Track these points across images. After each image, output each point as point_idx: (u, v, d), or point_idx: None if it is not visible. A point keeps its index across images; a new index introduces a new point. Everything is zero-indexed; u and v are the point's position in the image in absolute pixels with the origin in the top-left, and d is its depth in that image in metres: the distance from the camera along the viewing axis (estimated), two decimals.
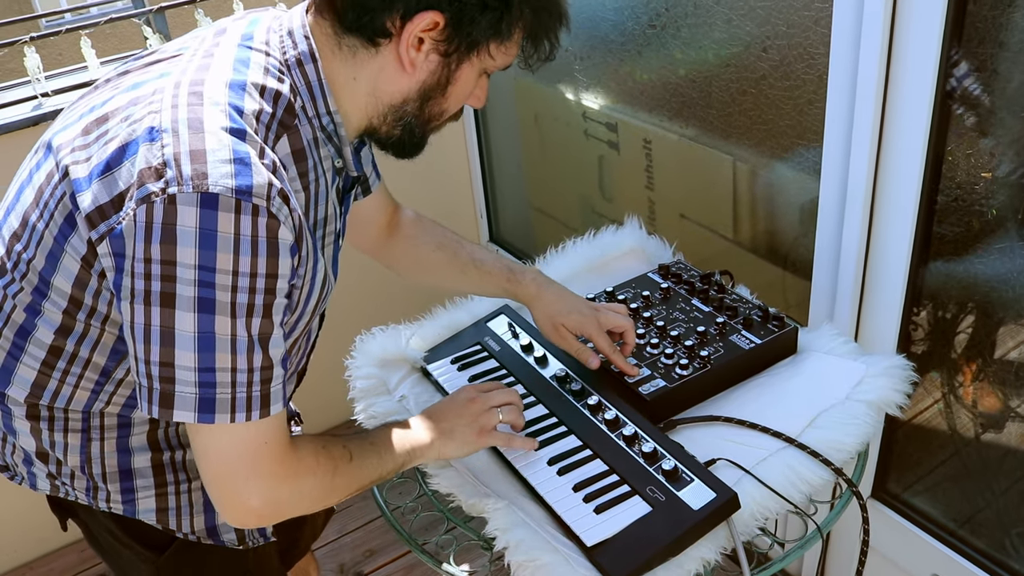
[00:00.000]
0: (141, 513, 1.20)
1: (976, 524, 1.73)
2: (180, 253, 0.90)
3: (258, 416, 0.98)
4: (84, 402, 1.11)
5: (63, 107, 2.23)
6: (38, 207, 1.03)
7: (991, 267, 1.49)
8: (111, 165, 0.95)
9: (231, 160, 0.92)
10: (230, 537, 1.26)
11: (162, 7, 2.43)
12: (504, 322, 1.58)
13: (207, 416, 0.96)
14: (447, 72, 1.08)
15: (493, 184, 2.96)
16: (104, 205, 0.95)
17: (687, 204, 2.16)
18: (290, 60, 1.05)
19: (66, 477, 1.19)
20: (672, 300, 1.57)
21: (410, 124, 1.13)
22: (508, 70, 1.18)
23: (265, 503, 1.02)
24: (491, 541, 1.19)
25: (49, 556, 2.62)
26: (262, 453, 1.00)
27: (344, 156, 1.13)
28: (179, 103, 0.97)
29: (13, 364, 1.09)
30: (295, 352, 1.21)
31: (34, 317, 1.06)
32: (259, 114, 0.99)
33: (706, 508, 1.14)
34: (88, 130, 1.01)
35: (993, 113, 1.40)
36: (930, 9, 1.34)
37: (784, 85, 1.70)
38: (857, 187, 1.54)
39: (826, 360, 1.44)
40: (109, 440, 1.15)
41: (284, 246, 0.95)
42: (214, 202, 0.90)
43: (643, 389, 1.36)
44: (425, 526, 1.37)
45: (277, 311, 0.97)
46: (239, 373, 0.95)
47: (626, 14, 2.04)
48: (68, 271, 1.01)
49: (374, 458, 1.15)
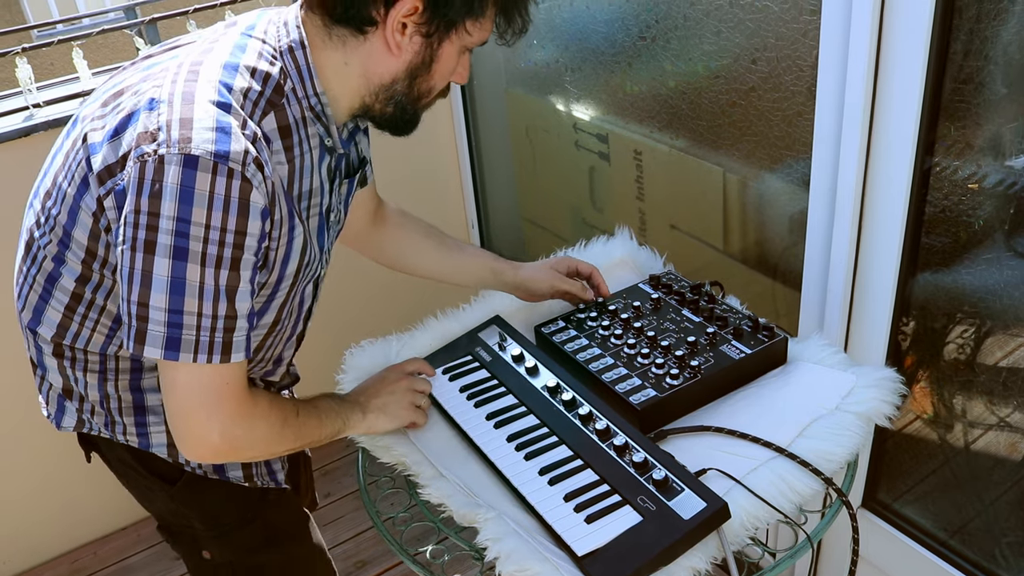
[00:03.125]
0: (154, 447, 1.33)
1: (966, 534, 1.73)
2: (164, 206, 1.03)
3: (218, 360, 1.09)
4: (100, 344, 1.25)
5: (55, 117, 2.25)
6: (64, 168, 1.18)
7: (979, 277, 1.50)
8: (119, 131, 1.10)
9: (214, 128, 1.05)
10: (236, 474, 1.38)
11: (154, 18, 2.44)
12: (495, 332, 1.58)
13: (172, 353, 1.07)
14: (430, 51, 1.19)
15: (484, 194, 2.97)
16: (111, 164, 1.09)
17: (677, 215, 2.17)
18: (283, 47, 1.18)
19: (87, 412, 1.33)
20: (662, 310, 1.58)
21: (401, 102, 1.23)
22: (501, 81, 1.22)
23: (223, 439, 1.13)
24: (482, 551, 1.19)
25: (41, 567, 2.61)
26: (223, 392, 1.12)
27: (332, 134, 1.23)
28: (178, 79, 1.11)
29: (43, 306, 1.24)
30: (286, 316, 1.33)
31: (59, 266, 1.20)
32: (247, 91, 1.12)
33: (696, 518, 1.14)
34: (106, 102, 1.16)
35: (979, 125, 1.41)
36: (917, 21, 1.35)
37: (773, 97, 1.71)
38: (846, 198, 1.55)
39: (816, 370, 1.45)
40: (123, 380, 1.28)
41: (255, 208, 1.07)
42: (195, 163, 1.03)
43: (634, 399, 1.37)
44: (417, 536, 1.37)
45: (245, 267, 1.09)
46: (204, 318, 1.07)
47: (616, 26, 2.05)
48: (84, 225, 1.15)
49: (315, 420, 1.28)
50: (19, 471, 2.46)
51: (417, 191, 2.86)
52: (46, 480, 2.50)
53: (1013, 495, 1.63)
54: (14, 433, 2.33)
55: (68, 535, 2.64)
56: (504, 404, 1.42)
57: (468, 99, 2.80)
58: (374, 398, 1.39)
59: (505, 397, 1.44)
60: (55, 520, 2.59)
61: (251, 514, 1.42)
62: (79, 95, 2.34)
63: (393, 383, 1.42)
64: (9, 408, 2.32)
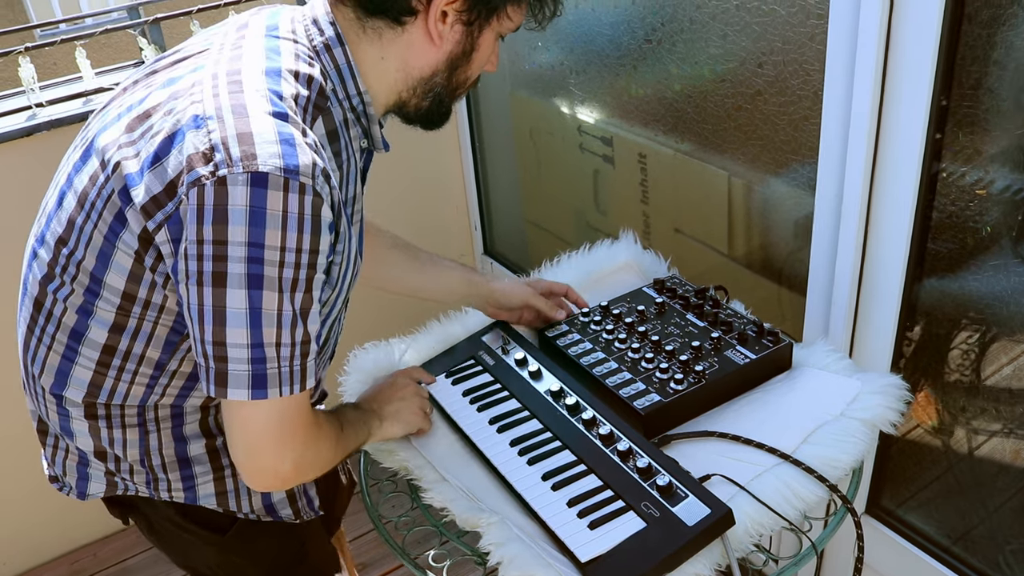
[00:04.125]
0: (202, 498, 1.26)
1: (969, 541, 1.72)
2: (231, 232, 0.94)
3: (299, 389, 1.03)
4: (140, 397, 1.16)
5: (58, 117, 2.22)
6: (84, 209, 1.07)
7: (986, 284, 1.49)
8: (159, 156, 1.00)
9: (278, 141, 0.97)
10: (287, 512, 1.33)
11: (158, 18, 2.43)
12: (498, 336, 1.58)
13: (260, 392, 1.00)
14: (471, 40, 1.14)
15: (488, 197, 2.96)
16: (158, 195, 0.99)
17: (682, 219, 2.16)
18: (318, 46, 1.11)
19: (125, 473, 1.24)
20: (667, 315, 1.57)
21: (439, 94, 1.19)
22: (505, 84, 1.21)
23: (295, 467, 1.07)
24: (485, 556, 1.18)
25: (41, 568, 2.61)
26: (297, 422, 1.06)
27: (372, 134, 1.18)
28: (220, 92, 1.01)
29: (68, 367, 1.14)
30: (332, 334, 1.28)
31: (87, 318, 1.10)
32: (296, 97, 1.04)
33: (701, 524, 1.13)
34: (132, 127, 1.05)
35: (987, 131, 1.40)
36: (925, 26, 1.34)
37: (779, 101, 1.71)
38: (852, 203, 1.54)
39: (821, 376, 1.44)
40: (165, 431, 1.20)
41: (325, 223, 1.00)
42: (264, 181, 0.94)
43: (638, 403, 1.36)
44: (418, 540, 1.36)
45: (317, 286, 1.02)
46: (283, 348, 1.00)
47: (622, 29, 2.05)
48: (121, 267, 1.05)
49: (352, 432, 1.25)
50: (19, 472, 2.45)
51: (420, 194, 2.86)
52: (46, 481, 2.49)
53: (1017, 502, 1.62)
54: (13, 433, 2.32)
55: (68, 536, 2.63)
56: (507, 408, 1.42)
57: (472, 102, 2.80)
58: (387, 404, 1.36)
59: (508, 401, 1.43)
60: (55, 521, 2.58)
61: (303, 551, 1.39)
62: (82, 95, 2.33)
63: (403, 388, 1.40)
64: (7, 408, 2.32)
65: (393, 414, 1.36)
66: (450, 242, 3.01)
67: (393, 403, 1.37)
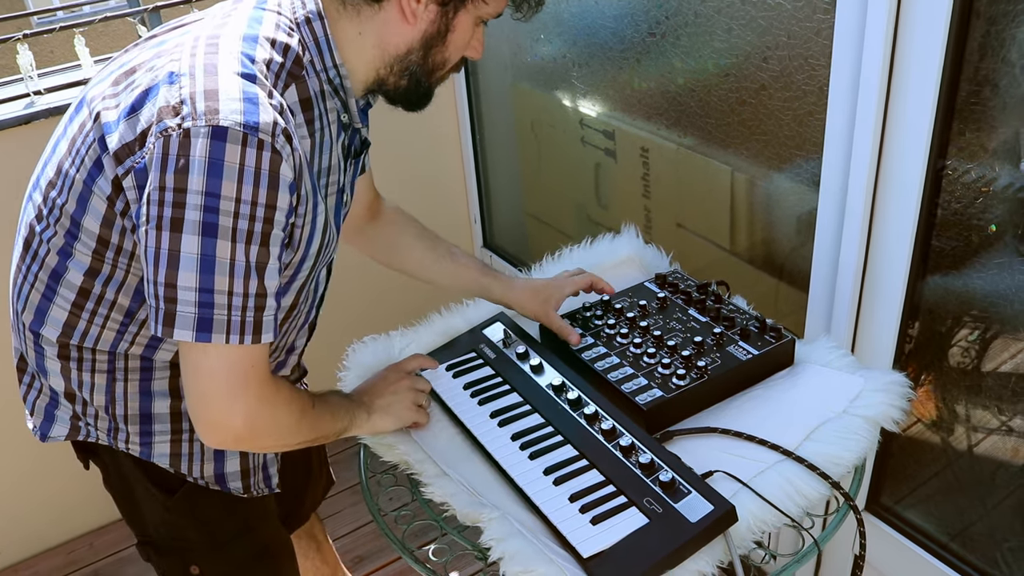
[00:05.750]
0: (156, 456, 1.30)
1: (968, 538, 1.72)
2: (191, 180, 0.99)
3: (250, 340, 1.06)
4: (110, 342, 1.21)
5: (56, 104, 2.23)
6: (71, 155, 1.13)
7: (989, 282, 1.49)
8: (135, 107, 1.06)
9: (241, 99, 1.02)
10: (236, 485, 1.36)
11: (157, 6, 2.42)
12: (500, 329, 1.57)
13: (204, 335, 1.03)
14: (446, 20, 1.17)
15: (488, 189, 2.95)
16: (130, 142, 1.05)
17: (684, 213, 2.16)
18: (299, 18, 1.15)
19: (91, 418, 1.29)
20: (669, 310, 1.57)
21: (415, 73, 1.21)
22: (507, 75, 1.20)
23: (245, 423, 1.09)
24: (486, 551, 1.17)
25: (36, 557, 2.60)
26: (250, 375, 1.08)
27: (349, 109, 1.21)
28: (197, 52, 1.07)
29: (47, 305, 1.20)
30: (303, 300, 1.30)
31: (66, 259, 1.16)
32: (269, 63, 1.09)
33: (703, 521, 1.13)
34: (118, 81, 1.12)
35: (994, 128, 1.40)
36: (933, 21, 1.33)
37: (784, 96, 1.70)
38: (856, 199, 1.53)
39: (824, 373, 1.43)
40: (132, 382, 1.25)
41: (284, 181, 1.04)
42: (223, 134, 0.99)
43: (640, 399, 1.35)
44: (416, 533, 1.35)
45: (274, 243, 1.05)
46: (235, 297, 1.03)
47: (626, 22, 2.03)
48: (96, 211, 1.11)
49: (328, 414, 1.26)
50: (14, 461, 2.44)
51: (420, 185, 2.84)
52: (41, 471, 2.49)
53: (1016, 500, 1.62)
54: (7, 423, 2.31)
55: (64, 526, 2.63)
56: (509, 402, 1.41)
57: (473, 93, 2.79)
58: (378, 398, 1.37)
59: (510, 395, 1.42)
60: (50, 511, 2.57)
61: (246, 525, 1.40)
62: (80, 83, 2.32)
63: (395, 383, 1.40)
64: (4, 407, 2.31)
65: (383, 408, 1.37)
66: (449, 234, 2.98)
67: (384, 397, 1.38)
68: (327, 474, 1.81)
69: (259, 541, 1.44)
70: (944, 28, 1.33)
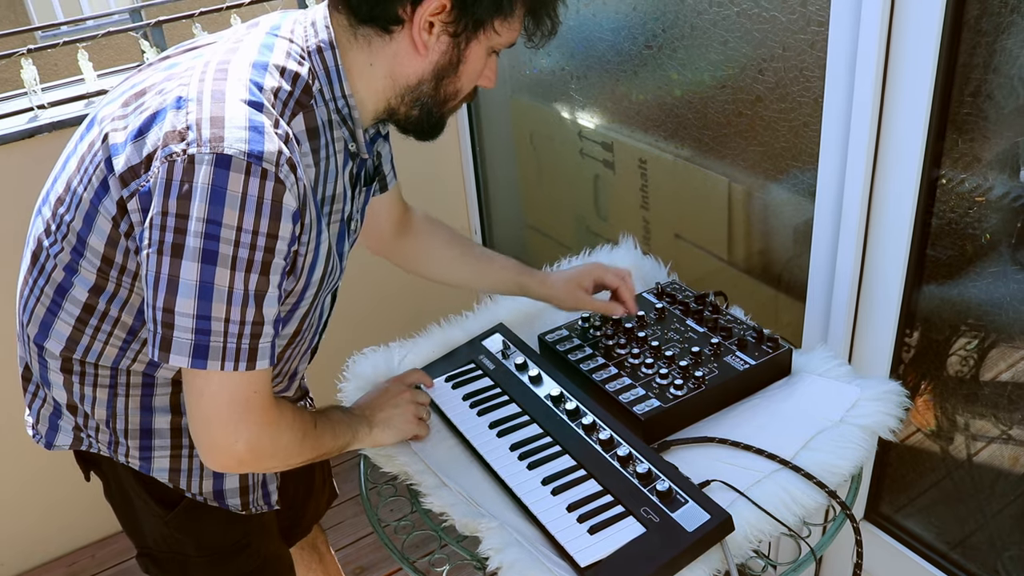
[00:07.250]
0: (155, 471, 1.30)
1: (968, 547, 1.72)
2: (193, 207, 0.99)
3: (245, 367, 1.06)
4: (112, 358, 1.21)
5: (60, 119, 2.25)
6: (79, 173, 1.14)
7: (985, 291, 1.49)
8: (143, 130, 1.07)
9: (247, 127, 1.02)
10: (234, 502, 1.36)
11: (160, 21, 2.44)
12: (499, 340, 1.58)
13: (200, 362, 1.04)
14: (458, 52, 1.16)
15: (488, 201, 2.96)
16: (135, 165, 1.06)
17: (682, 224, 2.17)
18: (311, 47, 1.15)
19: (92, 430, 1.30)
20: (667, 320, 1.58)
21: (427, 104, 1.20)
22: (506, 88, 1.21)
23: (249, 448, 1.09)
24: (484, 561, 1.18)
25: (39, 569, 2.60)
26: (252, 401, 1.08)
27: (357, 139, 1.21)
28: (206, 77, 1.08)
29: (52, 319, 1.20)
30: (306, 327, 1.30)
31: (72, 275, 1.16)
32: (277, 91, 1.09)
33: (700, 530, 1.14)
34: (127, 102, 1.12)
35: (987, 138, 1.41)
36: (925, 33, 1.35)
37: (780, 107, 1.71)
38: (852, 209, 1.54)
39: (820, 382, 1.44)
40: (134, 397, 1.25)
41: (287, 211, 1.04)
42: (227, 163, 0.99)
43: (637, 409, 1.36)
44: (416, 544, 1.36)
45: (275, 272, 1.05)
46: (232, 324, 1.03)
47: (623, 35, 2.05)
48: (101, 231, 1.11)
49: (330, 432, 1.26)
50: (16, 473, 2.45)
51: (420, 197, 2.83)
52: (44, 482, 2.49)
53: (1015, 508, 1.63)
54: (10, 434, 2.32)
55: (66, 538, 2.63)
56: (507, 413, 1.42)
57: (473, 106, 2.80)
58: (379, 412, 1.38)
59: (508, 406, 1.43)
60: (53, 523, 2.58)
61: (245, 541, 1.41)
62: (84, 97, 2.34)
63: (396, 396, 1.41)
64: (4, 408, 2.32)
65: (384, 421, 1.37)
66: None
67: (385, 410, 1.38)
68: (330, 487, 1.82)
69: (258, 556, 1.44)
70: (936, 40, 1.34)
